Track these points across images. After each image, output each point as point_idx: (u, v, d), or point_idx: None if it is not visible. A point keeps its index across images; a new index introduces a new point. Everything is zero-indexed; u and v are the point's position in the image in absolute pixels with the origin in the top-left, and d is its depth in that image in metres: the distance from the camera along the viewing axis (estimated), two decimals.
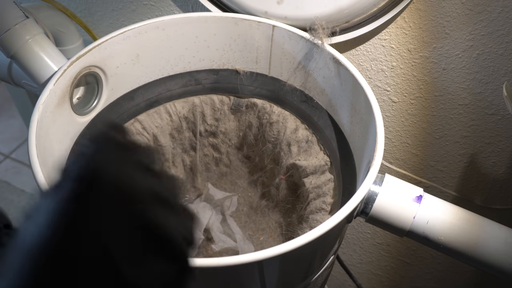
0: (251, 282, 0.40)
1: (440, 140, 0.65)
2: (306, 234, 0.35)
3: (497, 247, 0.43)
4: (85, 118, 0.52)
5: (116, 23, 0.72)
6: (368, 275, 0.92)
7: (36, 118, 0.44)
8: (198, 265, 0.34)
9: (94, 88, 0.53)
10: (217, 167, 0.66)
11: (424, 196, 0.44)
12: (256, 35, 0.55)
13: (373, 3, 0.52)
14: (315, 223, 0.50)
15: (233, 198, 0.65)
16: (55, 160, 0.47)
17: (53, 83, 0.46)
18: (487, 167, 0.66)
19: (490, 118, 0.60)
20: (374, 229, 0.82)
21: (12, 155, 1.46)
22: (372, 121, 0.44)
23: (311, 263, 0.44)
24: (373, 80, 0.62)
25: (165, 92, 0.58)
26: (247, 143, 0.63)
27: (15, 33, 0.48)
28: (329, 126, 0.54)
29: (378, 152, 0.41)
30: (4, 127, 1.54)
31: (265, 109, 0.59)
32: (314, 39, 0.51)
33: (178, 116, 0.59)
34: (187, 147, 0.63)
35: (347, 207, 0.38)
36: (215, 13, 0.56)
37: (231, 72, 0.59)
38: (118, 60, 0.53)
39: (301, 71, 0.55)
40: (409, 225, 0.44)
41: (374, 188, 0.44)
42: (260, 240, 0.63)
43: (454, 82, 0.58)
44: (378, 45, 0.58)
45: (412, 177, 0.70)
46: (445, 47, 0.56)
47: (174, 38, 0.55)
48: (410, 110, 0.63)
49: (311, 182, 0.54)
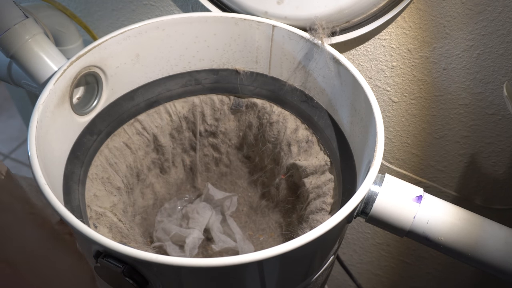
0: (251, 282, 0.40)
1: (440, 140, 0.65)
2: (306, 234, 0.35)
3: (497, 247, 0.43)
4: (85, 118, 0.52)
5: (116, 23, 0.71)
6: (368, 275, 0.92)
7: (36, 118, 0.44)
8: (198, 265, 0.34)
9: (94, 88, 0.53)
10: (217, 167, 0.66)
11: (424, 196, 0.44)
12: (256, 35, 0.55)
13: (373, 3, 0.52)
14: (315, 223, 0.50)
15: (233, 198, 0.65)
16: (55, 160, 0.47)
17: (53, 83, 0.46)
18: (487, 167, 0.66)
19: (490, 118, 0.60)
20: (374, 229, 0.82)
21: (12, 155, 1.46)
22: (372, 121, 0.44)
23: (311, 263, 0.44)
24: (373, 80, 0.62)
25: (165, 92, 0.58)
26: (247, 143, 0.63)
27: (15, 33, 0.48)
28: (329, 126, 0.54)
29: (378, 152, 0.41)
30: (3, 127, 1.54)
31: (265, 109, 0.59)
32: (314, 39, 0.51)
33: (178, 116, 0.59)
34: (187, 147, 0.63)
35: (347, 207, 0.38)
36: (215, 13, 0.56)
37: (231, 72, 0.59)
38: (118, 60, 0.53)
39: (301, 71, 0.55)
40: (409, 225, 0.44)
41: (374, 188, 0.44)
42: (260, 240, 0.63)
43: (454, 82, 0.58)
44: (378, 45, 0.58)
45: (412, 177, 0.70)
46: (445, 47, 0.56)
47: (174, 38, 0.55)
48: (410, 110, 0.63)
49: (311, 182, 0.54)
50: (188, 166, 0.65)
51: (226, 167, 0.66)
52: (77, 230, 0.36)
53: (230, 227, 0.62)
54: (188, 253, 0.58)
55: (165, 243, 0.58)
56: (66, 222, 0.37)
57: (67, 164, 0.48)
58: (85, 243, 0.41)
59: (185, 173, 0.66)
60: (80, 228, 0.36)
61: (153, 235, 0.61)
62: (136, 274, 0.37)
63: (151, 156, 0.60)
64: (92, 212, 0.48)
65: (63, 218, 0.37)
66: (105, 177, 0.53)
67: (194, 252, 0.59)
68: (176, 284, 0.39)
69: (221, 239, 0.60)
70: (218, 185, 0.67)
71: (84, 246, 0.43)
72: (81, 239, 0.43)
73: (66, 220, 0.37)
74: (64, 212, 0.37)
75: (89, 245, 0.38)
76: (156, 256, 0.34)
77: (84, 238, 0.36)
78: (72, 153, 0.50)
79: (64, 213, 0.37)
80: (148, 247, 0.55)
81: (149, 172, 0.61)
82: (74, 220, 0.36)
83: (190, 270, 0.36)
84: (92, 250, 0.37)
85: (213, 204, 0.65)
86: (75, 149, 0.50)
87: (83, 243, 0.43)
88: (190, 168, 0.66)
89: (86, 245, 0.41)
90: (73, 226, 0.36)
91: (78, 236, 0.41)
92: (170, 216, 0.64)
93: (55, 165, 0.46)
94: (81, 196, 0.48)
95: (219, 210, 0.65)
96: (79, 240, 0.45)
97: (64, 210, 0.37)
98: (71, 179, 0.48)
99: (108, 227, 0.48)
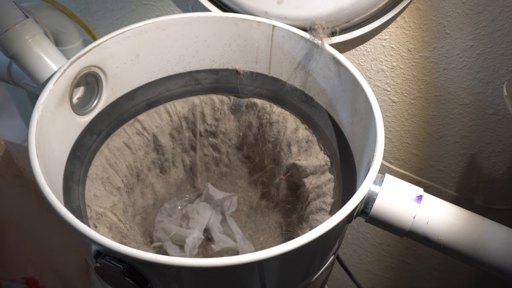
0: (251, 282, 0.40)
1: (440, 140, 0.65)
2: (306, 234, 0.35)
3: (497, 247, 0.43)
4: (85, 118, 0.52)
5: (116, 23, 0.71)
6: (368, 275, 0.92)
7: (36, 118, 0.44)
8: (198, 265, 0.34)
9: (94, 88, 0.53)
10: (217, 167, 0.66)
11: (424, 196, 0.44)
12: (256, 35, 0.55)
13: (373, 3, 0.52)
14: (315, 223, 0.50)
15: (233, 198, 0.65)
16: (55, 160, 0.47)
17: (52, 83, 0.46)
18: (487, 167, 0.66)
19: (490, 118, 0.60)
20: (374, 229, 0.82)
21: None
22: (372, 121, 0.44)
23: (311, 263, 0.44)
24: (373, 80, 0.62)
25: (165, 92, 0.58)
26: (247, 143, 0.63)
27: (15, 33, 0.48)
28: (329, 126, 0.54)
29: (378, 152, 0.41)
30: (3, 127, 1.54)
31: (265, 109, 0.59)
32: (314, 39, 0.51)
33: (178, 116, 0.59)
34: (187, 147, 0.63)
35: (347, 207, 0.38)
36: (215, 13, 0.56)
37: (231, 72, 0.59)
38: (118, 60, 0.53)
39: (301, 71, 0.55)
40: (409, 225, 0.44)
41: (374, 188, 0.44)
42: (260, 240, 0.63)
43: (454, 82, 0.58)
44: (378, 45, 0.58)
45: (412, 177, 0.70)
46: (445, 47, 0.56)
47: (174, 38, 0.55)
48: (410, 110, 0.63)
49: (311, 182, 0.54)
50: (188, 166, 0.65)
51: (226, 167, 0.66)
52: (77, 230, 0.36)
53: (230, 227, 0.62)
54: (188, 253, 0.58)
55: (165, 243, 0.58)
56: (66, 222, 0.37)
57: (67, 164, 0.48)
58: (85, 243, 0.41)
59: (185, 173, 0.66)
60: (80, 228, 0.36)
61: (153, 235, 0.61)
62: (136, 274, 0.37)
63: (151, 156, 0.60)
64: (92, 212, 0.48)
65: (63, 218, 0.37)
66: (105, 177, 0.53)
67: (194, 252, 0.59)
68: (176, 284, 0.39)
69: (221, 239, 0.60)
70: (218, 185, 0.67)
71: (84, 246, 0.43)
72: (81, 239, 0.43)
73: (66, 220, 0.37)
74: (64, 212, 0.37)
75: (89, 245, 0.38)
76: (156, 256, 0.34)
77: (84, 238, 0.36)
78: (72, 153, 0.50)
79: (64, 213, 0.37)
80: (148, 247, 0.55)
81: (149, 172, 0.61)
82: (74, 220, 0.36)
83: (190, 270, 0.36)
84: (92, 250, 0.37)
85: (213, 204, 0.65)
86: (75, 149, 0.50)
87: (83, 243, 0.43)
88: (190, 168, 0.66)
89: (86, 245, 0.41)
90: (73, 226, 0.36)
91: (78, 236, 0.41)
92: (170, 216, 0.64)
93: (55, 165, 0.46)
94: (81, 196, 0.48)
95: (219, 210, 0.65)
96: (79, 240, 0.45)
97: (64, 210, 0.37)
98: (71, 179, 0.48)
99: (108, 227, 0.48)
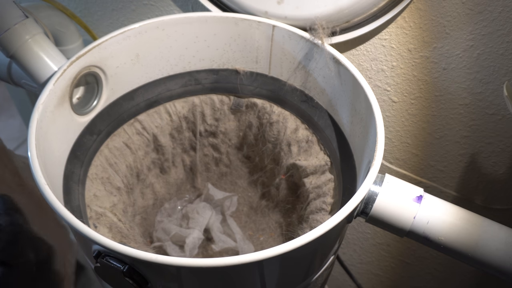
0: (251, 282, 0.40)
1: (440, 140, 0.65)
2: (306, 234, 0.35)
3: (497, 247, 0.43)
4: (85, 118, 0.52)
5: (116, 23, 0.71)
6: (368, 275, 0.92)
7: (35, 118, 0.43)
8: (198, 265, 0.34)
9: (94, 88, 0.53)
10: (217, 167, 0.66)
11: (424, 196, 0.44)
12: (256, 35, 0.55)
13: (373, 3, 0.52)
14: (315, 223, 0.50)
15: (233, 198, 0.65)
16: (55, 160, 0.47)
17: (52, 83, 0.46)
18: (487, 167, 0.66)
19: (490, 118, 0.60)
20: (374, 229, 0.82)
21: None
22: (372, 121, 0.44)
23: (311, 263, 0.44)
24: (373, 80, 0.62)
25: (165, 92, 0.58)
26: (247, 143, 0.63)
27: (15, 32, 0.48)
28: (329, 126, 0.54)
29: (378, 152, 0.41)
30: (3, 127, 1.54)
31: (265, 109, 0.59)
32: (314, 39, 0.51)
33: (178, 116, 0.59)
34: (187, 147, 0.63)
35: (347, 207, 0.38)
36: (215, 13, 0.55)
37: (231, 72, 0.59)
38: (118, 60, 0.53)
39: (301, 71, 0.55)
40: (409, 225, 0.44)
41: (374, 188, 0.44)
42: (260, 240, 0.63)
43: (455, 82, 0.58)
44: (378, 45, 0.58)
45: (412, 177, 0.70)
46: (446, 47, 0.56)
47: (174, 38, 0.55)
48: (410, 110, 0.63)
49: (311, 182, 0.54)
50: (188, 166, 0.65)
51: (226, 167, 0.66)
52: (77, 230, 0.36)
53: (230, 227, 0.62)
54: (188, 253, 0.58)
55: (165, 243, 0.58)
56: (66, 222, 0.37)
57: (67, 164, 0.48)
58: (85, 243, 0.41)
59: (185, 173, 0.66)
60: (80, 228, 0.36)
61: (153, 235, 0.61)
62: (136, 274, 0.37)
63: (151, 156, 0.60)
64: (92, 212, 0.48)
65: (63, 218, 0.37)
66: (105, 177, 0.53)
67: (194, 252, 0.59)
68: (176, 284, 0.39)
69: (221, 239, 0.60)
70: (218, 185, 0.67)
71: (84, 246, 0.43)
72: (81, 239, 0.43)
73: (66, 220, 0.37)
74: (64, 212, 0.37)
75: (89, 245, 0.38)
76: (156, 256, 0.34)
77: (84, 238, 0.36)
78: (72, 153, 0.50)
79: (64, 213, 0.37)
80: (148, 247, 0.55)
81: (149, 172, 0.61)
82: (74, 220, 0.36)
83: (190, 270, 0.36)
84: (92, 250, 0.37)
85: (213, 204, 0.65)
86: (75, 149, 0.50)
87: (83, 243, 0.43)
88: (190, 168, 0.66)
89: (86, 245, 0.41)
90: (73, 226, 0.36)
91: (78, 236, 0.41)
92: (170, 216, 0.64)
93: (55, 165, 0.46)
94: (81, 196, 0.48)
95: (219, 210, 0.65)
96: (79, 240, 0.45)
97: (64, 210, 0.37)
98: (71, 179, 0.48)
99: (108, 227, 0.48)
